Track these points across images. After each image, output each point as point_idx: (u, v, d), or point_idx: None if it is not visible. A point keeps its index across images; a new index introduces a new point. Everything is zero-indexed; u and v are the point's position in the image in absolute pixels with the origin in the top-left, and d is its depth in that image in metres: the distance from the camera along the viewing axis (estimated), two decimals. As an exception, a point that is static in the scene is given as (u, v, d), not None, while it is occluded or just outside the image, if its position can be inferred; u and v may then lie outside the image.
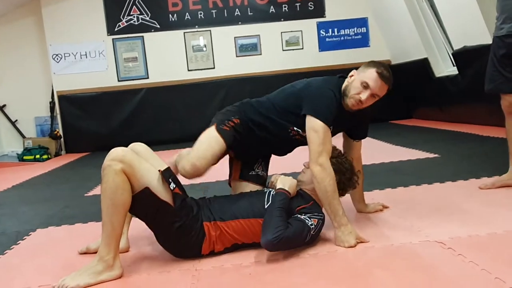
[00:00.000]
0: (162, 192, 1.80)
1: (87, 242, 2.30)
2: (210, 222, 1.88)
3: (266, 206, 1.91)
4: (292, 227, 1.82)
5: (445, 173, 3.10)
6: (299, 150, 2.33)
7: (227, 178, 2.41)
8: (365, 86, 2.00)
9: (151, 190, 1.77)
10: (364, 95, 2.00)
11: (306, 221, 1.86)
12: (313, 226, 1.87)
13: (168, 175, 1.84)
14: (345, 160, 2.07)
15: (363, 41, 7.21)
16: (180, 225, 1.82)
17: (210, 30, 7.02)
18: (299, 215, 1.89)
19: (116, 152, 1.78)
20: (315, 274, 1.68)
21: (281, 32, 7.10)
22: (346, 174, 2.01)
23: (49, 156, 6.52)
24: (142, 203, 1.79)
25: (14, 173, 5.31)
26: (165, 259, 1.96)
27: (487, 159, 3.47)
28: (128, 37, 6.95)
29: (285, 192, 1.94)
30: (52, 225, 2.70)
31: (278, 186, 1.98)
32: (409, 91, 6.87)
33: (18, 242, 2.41)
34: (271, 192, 1.99)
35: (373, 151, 4.43)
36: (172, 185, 1.82)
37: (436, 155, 3.80)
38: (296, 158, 2.53)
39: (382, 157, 3.92)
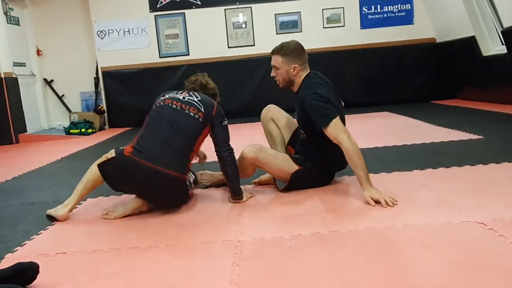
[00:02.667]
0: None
1: (134, 211, 2.43)
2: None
3: None
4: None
5: (489, 155, 3.04)
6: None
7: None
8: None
9: None
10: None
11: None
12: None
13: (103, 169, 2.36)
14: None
15: (407, 18, 7.01)
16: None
17: (250, 7, 7.01)
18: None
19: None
20: (354, 249, 1.72)
21: (322, 9, 7.00)
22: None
23: (94, 130, 6.77)
24: None
25: (62, 145, 5.57)
26: (208, 230, 2.05)
27: (534, 141, 3.36)
28: (169, 13, 7.04)
29: None
30: (101, 195, 2.84)
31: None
32: (453, 71, 6.68)
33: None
34: None
35: (414, 131, 4.38)
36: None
37: (480, 137, 3.72)
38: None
39: (422, 138, 3.87)
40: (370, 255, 1.65)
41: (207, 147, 2.54)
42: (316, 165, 2.50)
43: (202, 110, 2.32)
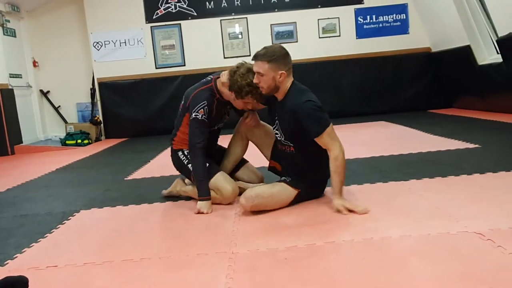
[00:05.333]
0: None
1: (128, 223, 2.41)
2: None
3: None
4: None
5: (486, 164, 3.02)
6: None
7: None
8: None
9: None
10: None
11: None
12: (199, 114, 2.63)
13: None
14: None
15: (402, 28, 7.04)
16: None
17: (246, 18, 7.03)
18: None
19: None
20: (350, 261, 1.69)
21: (318, 19, 7.02)
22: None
23: (90, 141, 6.75)
24: None
25: (58, 156, 5.53)
26: (202, 242, 2.02)
27: (531, 150, 3.35)
28: (165, 24, 7.05)
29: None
30: (95, 207, 2.82)
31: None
32: (449, 80, 6.70)
33: (63, 222, 2.53)
34: None
35: (410, 140, 4.36)
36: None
37: (476, 146, 3.70)
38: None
39: (419, 147, 3.85)
40: (366, 267, 1.63)
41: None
42: (310, 184, 2.46)
43: (182, 102, 2.76)
